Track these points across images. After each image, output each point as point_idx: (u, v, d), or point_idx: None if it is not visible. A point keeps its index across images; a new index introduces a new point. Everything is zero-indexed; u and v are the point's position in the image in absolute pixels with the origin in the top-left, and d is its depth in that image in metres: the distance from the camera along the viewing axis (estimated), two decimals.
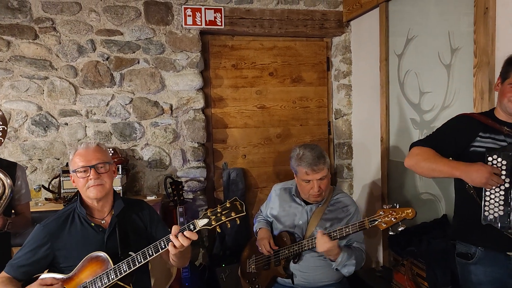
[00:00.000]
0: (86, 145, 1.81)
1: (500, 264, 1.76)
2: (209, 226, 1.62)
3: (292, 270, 2.34)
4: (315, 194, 2.26)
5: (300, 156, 2.27)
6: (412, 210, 1.83)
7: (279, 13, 3.43)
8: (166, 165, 3.30)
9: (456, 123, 1.88)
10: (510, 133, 1.71)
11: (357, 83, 3.62)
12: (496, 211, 1.67)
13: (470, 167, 1.69)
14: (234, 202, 1.63)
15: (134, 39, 3.15)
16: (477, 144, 1.77)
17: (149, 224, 1.94)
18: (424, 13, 2.68)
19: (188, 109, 3.30)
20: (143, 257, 1.70)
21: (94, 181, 1.75)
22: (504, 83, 1.74)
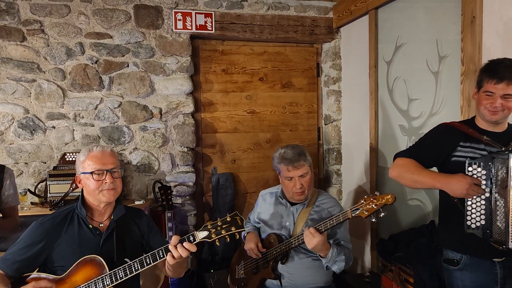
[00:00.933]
0: (102, 148, 1.82)
1: (486, 270, 1.78)
2: (209, 239, 1.65)
3: (280, 271, 2.35)
4: (298, 191, 2.31)
5: (281, 154, 2.34)
6: (391, 196, 1.86)
7: (269, 18, 3.44)
8: (155, 170, 3.27)
9: (437, 133, 1.92)
10: (489, 142, 1.74)
11: (347, 89, 3.64)
12: (478, 221, 1.69)
13: (450, 178, 1.72)
14: (234, 217, 1.66)
15: (124, 42, 3.14)
16: (458, 153, 1.80)
17: (147, 232, 1.93)
18: (413, 21, 2.71)
19: (177, 114, 3.28)
20: (140, 265, 1.69)
21: (109, 185, 1.76)
22: (480, 92, 1.78)
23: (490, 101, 1.72)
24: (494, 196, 1.65)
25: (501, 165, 1.63)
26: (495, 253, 1.74)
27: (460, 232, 1.75)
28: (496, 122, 1.78)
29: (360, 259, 3.46)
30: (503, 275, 1.76)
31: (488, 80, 1.72)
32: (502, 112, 1.72)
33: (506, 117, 1.77)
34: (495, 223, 1.65)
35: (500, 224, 1.63)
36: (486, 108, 1.75)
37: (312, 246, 2.07)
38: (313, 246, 2.07)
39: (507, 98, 1.70)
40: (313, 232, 2.06)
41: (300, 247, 2.31)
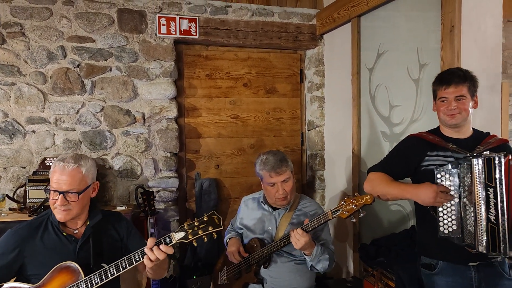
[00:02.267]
0: (63, 166, 1.71)
1: (461, 274, 1.82)
2: (185, 240, 1.62)
3: (262, 276, 2.35)
4: (281, 197, 2.32)
5: (263, 160, 2.36)
6: (370, 196, 1.89)
7: (253, 24, 3.46)
8: (138, 175, 3.24)
9: (405, 145, 2.00)
10: (455, 149, 1.81)
11: (330, 95, 3.68)
12: (451, 226, 1.73)
13: (417, 188, 1.79)
14: (211, 216, 1.64)
15: (107, 46, 3.11)
16: (427, 163, 1.87)
17: (126, 236, 1.91)
18: (394, 29, 2.76)
19: (161, 118, 3.26)
20: (116, 270, 1.67)
21: (60, 206, 1.70)
22: (436, 101, 1.90)
23: (446, 106, 1.83)
24: (463, 201, 1.70)
25: (467, 171, 1.68)
26: (470, 257, 1.78)
27: (435, 238, 1.79)
28: (457, 125, 1.85)
29: (343, 264, 3.49)
30: (478, 279, 1.80)
31: (440, 88, 1.86)
32: (459, 115, 1.82)
33: (465, 119, 1.84)
34: (466, 227, 1.69)
35: (471, 228, 1.68)
36: (445, 113, 1.85)
37: (300, 246, 2.08)
38: (301, 246, 2.08)
39: (460, 100, 1.81)
40: (301, 233, 2.07)
41: (282, 251, 2.32)
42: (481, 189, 1.65)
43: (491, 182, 1.63)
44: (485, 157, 1.64)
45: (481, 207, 1.65)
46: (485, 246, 1.64)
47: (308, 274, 2.38)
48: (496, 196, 1.63)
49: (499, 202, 1.62)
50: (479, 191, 1.65)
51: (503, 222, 1.62)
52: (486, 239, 1.64)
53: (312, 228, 2.09)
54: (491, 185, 1.63)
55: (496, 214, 1.63)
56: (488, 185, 1.64)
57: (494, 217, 1.63)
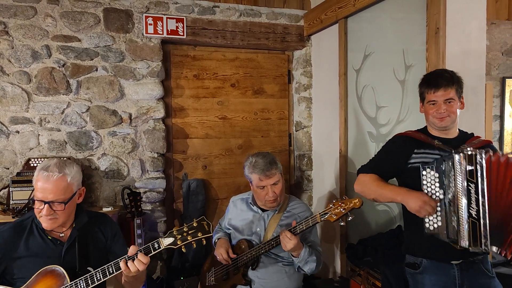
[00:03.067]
0: (48, 176, 1.65)
1: (445, 273, 1.84)
2: (174, 246, 1.60)
3: (250, 277, 2.35)
4: (271, 199, 2.31)
5: (253, 163, 2.34)
6: (359, 200, 1.91)
7: (241, 25, 3.45)
8: (124, 176, 3.21)
9: (392, 145, 2.02)
10: (440, 146, 1.83)
11: (317, 96, 3.69)
12: (436, 222, 1.76)
13: (409, 194, 1.81)
14: (201, 222, 1.63)
15: (93, 46, 3.08)
16: (413, 160, 1.89)
17: (110, 238, 1.88)
18: (381, 31, 2.79)
19: (148, 119, 3.24)
20: (102, 275, 1.64)
21: (46, 216, 1.65)
22: (424, 103, 1.92)
23: (436, 109, 1.85)
24: (448, 197, 1.72)
25: (450, 167, 1.70)
26: (454, 256, 1.81)
27: (420, 236, 1.82)
28: (446, 128, 1.88)
29: (330, 264, 3.50)
30: (461, 277, 1.83)
31: (428, 91, 1.87)
32: (449, 117, 1.84)
33: (453, 121, 1.87)
34: (450, 223, 1.72)
35: (455, 224, 1.70)
36: (434, 116, 1.86)
37: (289, 248, 2.08)
38: (290, 248, 2.08)
39: (450, 103, 1.83)
40: (290, 235, 2.07)
41: (270, 252, 2.32)
42: (463, 185, 1.67)
43: (473, 177, 1.66)
44: (466, 153, 1.67)
45: (462, 201, 1.67)
46: (466, 240, 1.66)
47: (295, 275, 2.38)
48: (477, 191, 1.65)
49: (480, 197, 1.65)
50: (461, 186, 1.67)
51: (484, 217, 1.65)
52: (468, 233, 1.66)
53: (300, 230, 2.10)
54: (472, 181, 1.66)
55: (477, 209, 1.65)
56: (469, 181, 1.66)
57: (475, 212, 1.65)
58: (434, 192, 1.76)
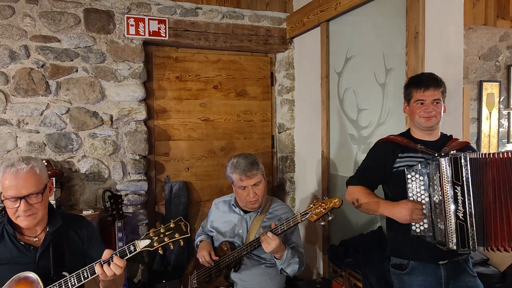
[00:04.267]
0: (16, 171, 1.57)
1: (431, 273, 1.87)
2: (150, 248, 1.56)
3: (233, 279, 2.34)
4: (252, 200, 2.32)
5: (234, 163, 2.34)
6: (339, 199, 1.92)
7: (224, 27, 3.45)
8: (105, 178, 3.17)
9: (376, 151, 2.04)
10: (424, 150, 1.86)
11: (300, 98, 3.71)
12: (422, 224, 1.78)
13: (394, 206, 1.83)
14: (178, 223, 1.59)
15: (73, 46, 3.03)
16: (398, 164, 1.91)
17: (87, 241, 1.82)
18: (362, 34, 2.82)
19: (129, 121, 3.21)
20: (77, 279, 1.59)
21: (25, 212, 1.59)
22: (410, 103, 1.94)
23: (424, 108, 1.88)
24: (433, 199, 1.75)
25: (435, 170, 1.73)
26: (440, 256, 1.83)
27: (407, 238, 1.84)
28: (431, 128, 1.91)
29: (313, 265, 3.52)
30: (447, 276, 1.86)
31: (417, 90, 1.90)
32: (435, 118, 1.88)
33: (438, 122, 1.91)
34: (437, 225, 1.74)
35: (441, 226, 1.72)
36: (421, 116, 1.89)
37: (271, 249, 2.08)
38: (271, 249, 2.08)
39: (437, 103, 1.87)
40: (272, 236, 2.07)
41: (253, 254, 2.32)
42: (449, 188, 1.70)
43: (458, 180, 1.69)
44: (451, 157, 1.70)
45: (449, 205, 1.70)
46: (455, 243, 1.69)
47: (278, 276, 2.39)
48: (463, 194, 1.68)
49: (467, 199, 1.68)
50: (447, 190, 1.70)
51: (471, 218, 1.68)
52: (456, 236, 1.69)
53: (281, 231, 2.10)
54: (458, 183, 1.69)
55: (464, 211, 1.68)
56: (455, 184, 1.69)
57: (462, 214, 1.68)
58: (420, 195, 1.78)
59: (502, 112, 3.87)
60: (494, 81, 3.84)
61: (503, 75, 3.90)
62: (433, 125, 1.90)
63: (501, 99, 3.88)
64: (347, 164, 3.00)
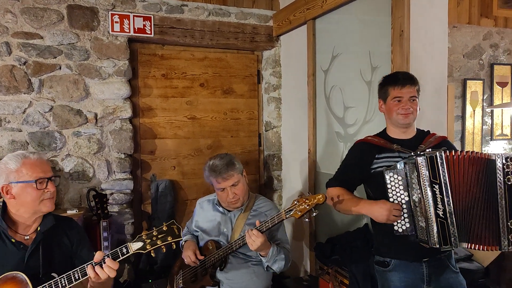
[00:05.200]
0: (39, 155, 1.71)
1: (413, 270, 1.89)
2: (143, 250, 1.56)
3: (219, 278, 2.34)
4: (232, 201, 2.32)
5: (210, 166, 2.33)
6: (322, 195, 1.93)
7: (210, 24, 3.43)
8: (90, 177, 3.13)
9: (355, 153, 2.06)
10: (400, 149, 1.88)
11: (287, 96, 3.71)
12: (404, 224, 1.79)
13: (372, 206, 1.85)
14: (171, 226, 1.60)
15: (56, 43, 2.98)
16: (376, 165, 1.93)
17: (76, 243, 1.82)
18: (348, 32, 2.83)
19: (114, 119, 3.17)
20: (67, 281, 1.57)
21: (51, 193, 1.68)
22: (387, 101, 1.96)
23: (402, 105, 1.90)
24: (413, 199, 1.76)
25: (412, 170, 1.74)
26: (422, 254, 1.85)
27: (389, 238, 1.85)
28: (408, 125, 1.94)
29: (300, 263, 3.53)
30: (429, 273, 1.88)
31: (394, 88, 1.91)
32: (412, 115, 1.90)
33: (414, 119, 1.94)
34: (418, 224, 1.76)
35: (422, 224, 1.74)
36: (399, 113, 1.90)
37: (256, 247, 2.08)
38: (256, 247, 2.08)
39: (413, 100, 1.90)
40: (257, 233, 2.06)
41: (238, 252, 2.31)
42: (427, 187, 1.71)
43: (436, 178, 1.70)
44: (427, 155, 1.71)
45: (429, 203, 1.71)
46: (437, 240, 1.71)
47: (264, 274, 2.39)
48: (441, 191, 1.70)
49: (445, 197, 1.69)
50: (426, 188, 1.72)
51: (451, 215, 1.70)
52: (437, 234, 1.71)
53: (266, 228, 2.10)
54: (436, 182, 1.70)
55: (444, 209, 1.70)
56: (433, 182, 1.71)
57: (442, 212, 1.70)
58: (400, 195, 1.79)
59: (486, 109, 3.92)
60: (478, 79, 3.90)
61: (487, 73, 3.95)
62: (410, 121, 1.92)
63: (485, 97, 3.93)
64: (333, 162, 3.01)
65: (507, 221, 1.66)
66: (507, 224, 1.66)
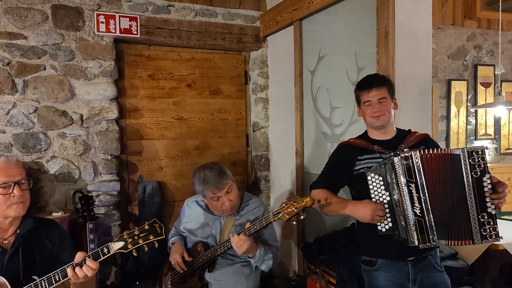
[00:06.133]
0: (6, 158, 1.66)
1: (399, 269, 1.91)
2: (125, 250, 1.54)
3: (207, 280, 2.33)
4: (228, 208, 2.29)
5: (202, 178, 2.27)
6: (310, 198, 1.94)
7: (197, 25, 3.42)
8: (75, 179, 3.09)
9: (337, 156, 2.09)
10: (380, 150, 1.91)
11: (274, 97, 3.72)
12: (387, 223, 1.82)
13: (356, 206, 1.87)
14: (153, 224, 1.58)
15: (40, 44, 2.94)
16: (358, 167, 1.95)
17: (58, 245, 1.80)
18: (334, 33, 2.85)
19: (100, 120, 3.14)
20: (48, 283, 1.56)
21: (18, 198, 1.62)
22: (361, 106, 2.00)
23: (371, 108, 1.93)
24: (393, 198, 1.78)
25: (391, 170, 1.77)
26: (407, 253, 1.87)
27: (374, 238, 1.87)
28: (383, 127, 1.96)
29: (288, 263, 3.54)
30: (414, 272, 1.90)
31: (362, 93, 1.96)
32: (384, 116, 1.92)
33: (389, 120, 1.95)
34: (400, 223, 1.78)
35: (403, 223, 1.77)
36: (371, 116, 1.94)
37: (243, 251, 2.08)
38: (243, 251, 2.08)
39: (383, 102, 1.91)
40: (243, 238, 2.06)
41: (227, 254, 2.31)
42: (404, 186, 1.74)
43: (412, 178, 1.72)
44: (402, 156, 1.73)
45: (407, 202, 1.74)
46: (416, 239, 1.73)
47: (253, 275, 2.39)
48: (418, 190, 1.72)
49: (422, 195, 1.72)
50: (403, 188, 1.74)
51: (428, 213, 1.72)
52: (416, 232, 1.73)
53: (254, 231, 2.10)
54: (412, 181, 1.72)
55: (421, 208, 1.72)
56: (409, 181, 1.73)
57: (419, 211, 1.72)
58: (381, 195, 1.81)
59: (470, 110, 3.98)
60: (462, 80, 3.95)
61: (471, 74, 4.01)
62: (383, 123, 1.94)
63: (469, 97, 3.99)
64: (321, 162, 3.01)
65: (478, 215, 1.68)
66: (478, 218, 1.69)
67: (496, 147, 4.16)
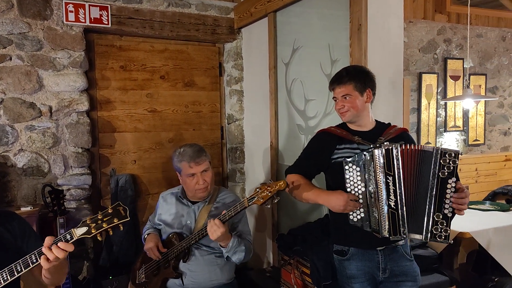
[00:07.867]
0: None
1: (370, 258, 1.95)
2: (88, 235, 1.48)
3: (182, 270, 2.33)
4: (201, 187, 2.33)
5: (181, 152, 2.38)
6: (283, 182, 1.97)
7: (170, 15, 3.36)
8: (45, 173, 3.01)
9: (316, 142, 2.10)
10: (360, 141, 1.93)
11: (249, 89, 3.71)
12: (359, 213, 1.85)
13: (330, 195, 1.89)
14: (117, 208, 1.52)
15: (5, 33, 2.83)
16: (336, 156, 1.97)
17: (19, 237, 1.72)
18: (308, 26, 2.86)
19: (70, 112, 3.05)
20: (9, 274, 1.50)
21: None
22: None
23: (337, 105, 1.98)
24: (369, 189, 1.82)
25: (370, 161, 1.80)
26: (377, 242, 1.91)
27: (346, 226, 1.90)
28: (351, 122, 1.99)
29: (263, 254, 3.56)
30: (384, 261, 1.95)
31: (330, 90, 2.01)
32: (349, 112, 1.94)
33: (356, 115, 1.96)
34: (372, 214, 1.81)
35: (376, 214, 1.80)
36: (337, 111, 1.99)
37: (216, 237, 2.08)
38: (217, 237, 2.08)
39: (347, 98, 1.94)
40: (218, 224, 2.07)
41: (201, 244, 2.31)
42: (382, 178, 1.77)
43: (390, 171, 1.76)
44: (384, 148, 1.77)
45: (382, 194, 1.78)
46: (387, 230, 1.78)
47: (227, 266, 2.40)
48: (395, 183, 1.76)
49: (398, 189, 1.76)
50: (380, 180, 1.77)
51: (402, 207, 1.76)
52: (388, 224, 1.77)
53: (229, 217, 2.11)
54: (390, 174, 1.76)
55: (396, 200, 1.76)
56: (387, 174, 1.77)
57: (394, 203, 1.77)
58: (357, 185, 1.83)
59: (440, 102, 4.08)
60: (433, 73, 4.04)
61: (441, 67, 4.11)
62: (350, 119, 1.97)
63: (439, 90, 4.09)
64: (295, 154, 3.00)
65: (433, 213, 1.74)
66: (433, 216, 1.74)
67: (465, 138, 4.29)
